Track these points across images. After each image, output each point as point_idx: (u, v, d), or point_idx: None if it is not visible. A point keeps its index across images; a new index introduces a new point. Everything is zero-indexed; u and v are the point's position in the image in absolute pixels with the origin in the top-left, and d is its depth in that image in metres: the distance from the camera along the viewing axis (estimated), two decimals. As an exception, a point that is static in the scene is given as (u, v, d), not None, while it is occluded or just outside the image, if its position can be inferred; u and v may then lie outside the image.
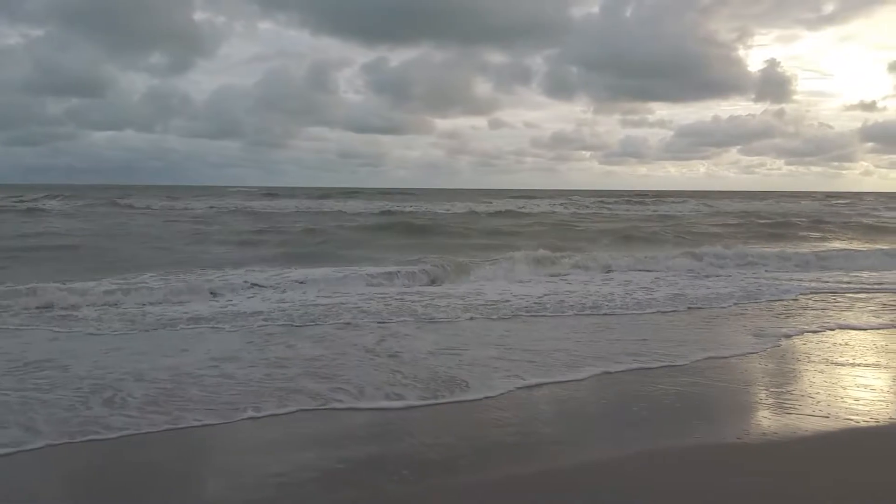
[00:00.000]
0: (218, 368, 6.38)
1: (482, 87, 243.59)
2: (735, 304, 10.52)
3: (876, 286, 12.49)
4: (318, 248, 19.45)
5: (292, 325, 8.51)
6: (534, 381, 6.13)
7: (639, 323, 9.08)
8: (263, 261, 14.91)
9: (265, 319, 8.76)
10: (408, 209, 41.60)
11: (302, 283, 11.50)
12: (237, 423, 5.03)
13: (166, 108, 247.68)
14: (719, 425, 5.19)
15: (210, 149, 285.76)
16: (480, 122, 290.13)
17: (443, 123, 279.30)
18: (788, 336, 8.12)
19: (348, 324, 8.61)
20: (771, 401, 5.73)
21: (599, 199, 61.59)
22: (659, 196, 76.39)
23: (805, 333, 8.33)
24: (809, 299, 10.96)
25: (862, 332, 8.54)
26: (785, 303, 10.65)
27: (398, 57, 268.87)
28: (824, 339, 8.10)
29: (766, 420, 5.28)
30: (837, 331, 8.52)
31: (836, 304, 10.64)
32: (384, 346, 7.43)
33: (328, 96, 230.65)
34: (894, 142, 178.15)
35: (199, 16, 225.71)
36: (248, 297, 10.38)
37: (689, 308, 10.15)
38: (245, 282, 11.39)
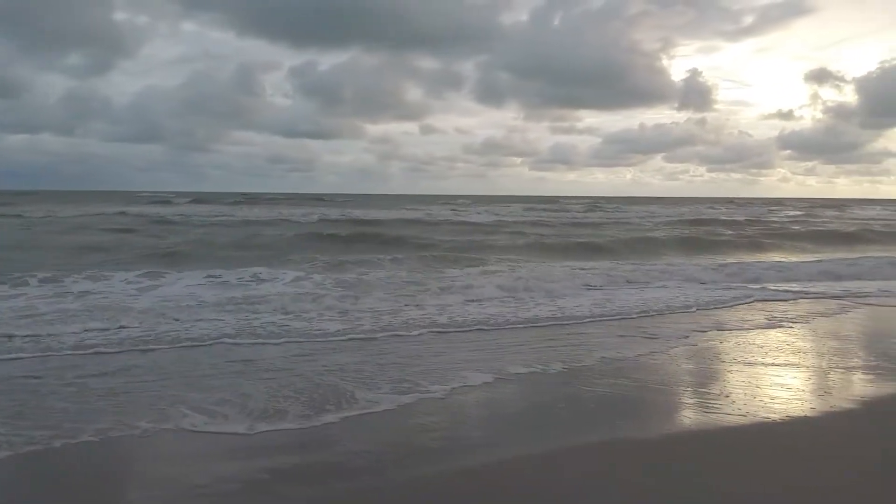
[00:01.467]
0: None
1: (413, 93, 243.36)
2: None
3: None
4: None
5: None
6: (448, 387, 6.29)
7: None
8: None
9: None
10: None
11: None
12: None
13: (86, 110, 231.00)
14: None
15: (133, 153, 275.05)
16: (412, 127, 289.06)
17: (374, 128, 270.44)
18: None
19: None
20: (679, 399, 6.21)
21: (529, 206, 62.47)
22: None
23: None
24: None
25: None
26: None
27: (328, 60, 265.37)
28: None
29: (677, 417, 5.81)
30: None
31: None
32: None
33: (255, 99, 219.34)
34: (809, 149, 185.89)
35: (119, 15, 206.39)
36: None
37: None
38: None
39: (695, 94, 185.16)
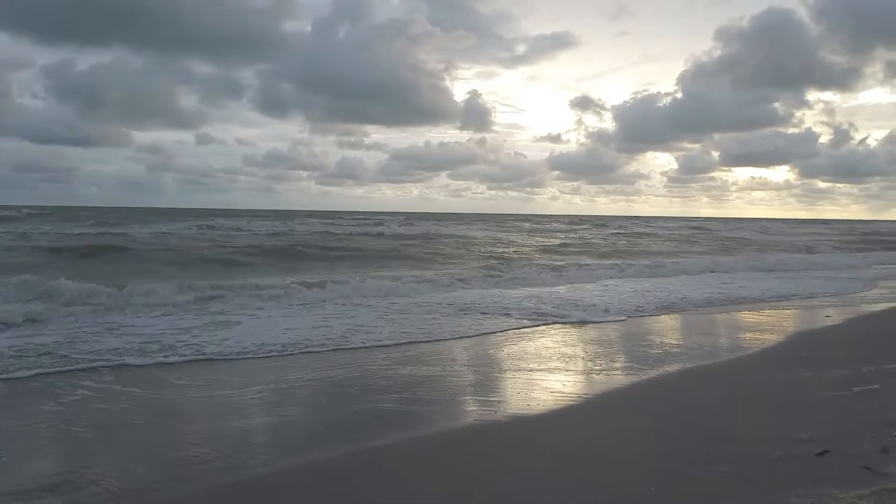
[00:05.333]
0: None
1: (187, 99, 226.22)
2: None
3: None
4: None
5: None
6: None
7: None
8: None
9: None
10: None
11: None
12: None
13: None
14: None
15: None
16: (186, 136, 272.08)
17: (142, 136, 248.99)
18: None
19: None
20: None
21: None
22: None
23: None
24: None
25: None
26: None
27: (86, 60, 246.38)
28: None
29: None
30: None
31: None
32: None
33: None
34: (575, 170, 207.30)
35: None
36: None
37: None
38: None
39: (475, 116, 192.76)
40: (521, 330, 11.50)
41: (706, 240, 46.78)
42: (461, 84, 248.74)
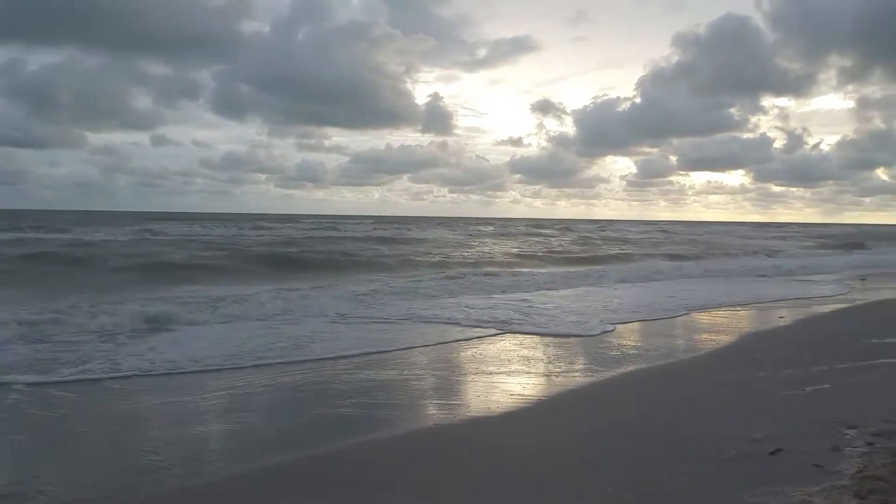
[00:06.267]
0: None
1: (142, 100, 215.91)
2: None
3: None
4: None
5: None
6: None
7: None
8: None
9: None
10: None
11: None
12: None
13: None
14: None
15: None
16: (142, 138, 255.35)
17: (95, 138, 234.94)
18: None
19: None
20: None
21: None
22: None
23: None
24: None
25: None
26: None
27: (36, 59, 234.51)
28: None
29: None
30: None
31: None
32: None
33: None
34: (536, 174, 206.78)
35: None
36: None
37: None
38: None
39: (437, 119, 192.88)
40: (480, 338, 11.47)
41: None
42: (422, 87, 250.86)
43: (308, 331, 11.35)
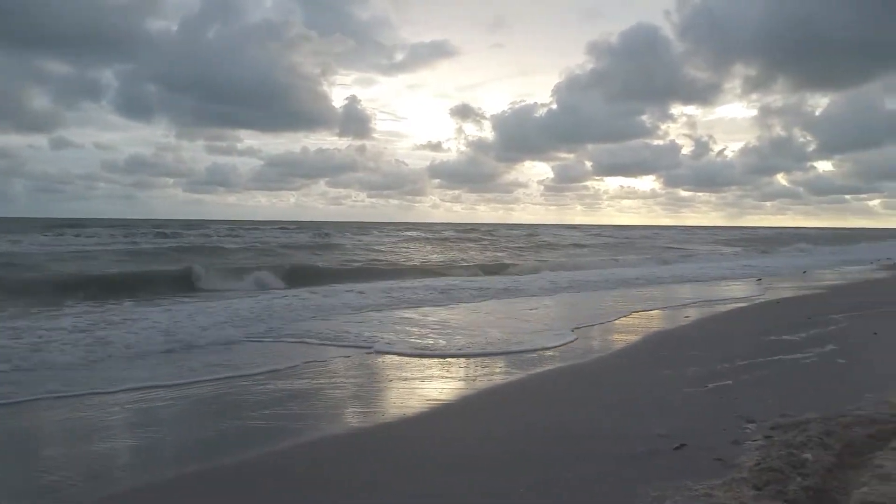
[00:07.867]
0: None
1: (39, 101, 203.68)
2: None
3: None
4: None
5: None
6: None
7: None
8: None
9: None
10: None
11: None
12: None
13: None
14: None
15: None
16: (39, 140, 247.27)
17: None
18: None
19: None
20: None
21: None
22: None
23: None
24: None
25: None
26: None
27: None
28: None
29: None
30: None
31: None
32: None
33: None
34: (455, 178, 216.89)
35: None
36: None
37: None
38: None
39: (354, 122, 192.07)
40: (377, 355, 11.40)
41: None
42: (339, 90, 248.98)
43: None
